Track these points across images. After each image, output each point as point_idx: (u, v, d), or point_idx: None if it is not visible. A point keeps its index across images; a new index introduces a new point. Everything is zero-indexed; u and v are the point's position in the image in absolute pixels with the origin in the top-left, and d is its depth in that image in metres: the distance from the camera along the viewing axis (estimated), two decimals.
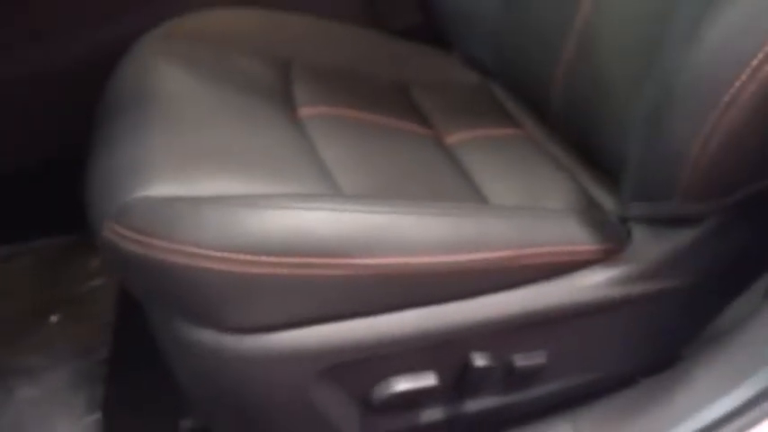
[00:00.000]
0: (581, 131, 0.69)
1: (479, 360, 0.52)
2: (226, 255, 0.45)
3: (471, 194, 0.63)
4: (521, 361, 0.54)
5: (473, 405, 0.56)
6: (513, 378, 0.55)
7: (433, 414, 0.55)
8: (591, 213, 0.59)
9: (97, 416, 0.75)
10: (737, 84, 0.44)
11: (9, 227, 0.92)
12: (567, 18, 0.69)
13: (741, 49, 0.44)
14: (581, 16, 0.68)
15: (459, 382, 0.53)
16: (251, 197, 0.48)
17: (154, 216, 0.47)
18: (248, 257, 0.45)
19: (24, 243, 0.96)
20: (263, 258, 0.45)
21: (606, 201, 0.64)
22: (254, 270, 0.45)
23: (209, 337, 0.48)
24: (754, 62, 0.43)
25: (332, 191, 0.54)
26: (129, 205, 0.48)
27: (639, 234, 0.55)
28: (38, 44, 0.80)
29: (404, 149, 0.67)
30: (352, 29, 0.88)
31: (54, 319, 0.89)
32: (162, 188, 0.49)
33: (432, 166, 0.66)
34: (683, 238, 0.54)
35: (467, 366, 0.52)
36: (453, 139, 0.74)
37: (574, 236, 0.54)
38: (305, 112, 0.68)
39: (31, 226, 0.94)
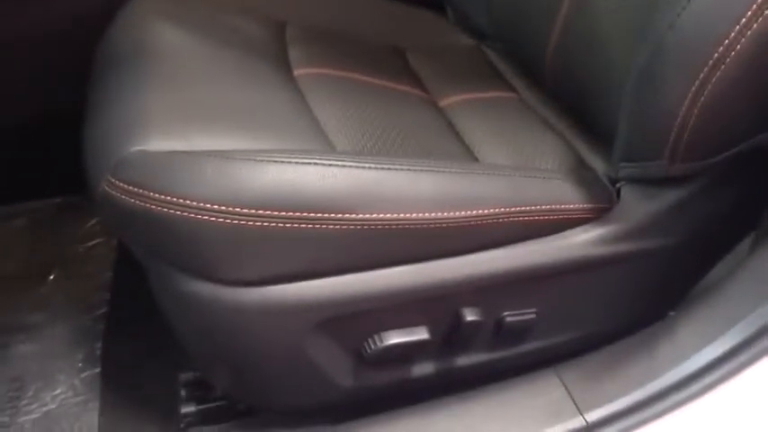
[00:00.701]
0: (575, 93, 0.69)
1: (470, 315, 0.53)
2: (222, 208, 0.45)
3: (464, 154, 0.63)
4: (510, 317, 0.55)
5: (464, 359, 0.57)
6: (503, 333, 0.56)
7: (424, 368, 0.56)
8: (581, 174, 0.60)
9: (96, 370, 0.76)
10: (726, 42, 0.45)
11: (8, 187, 0.93)
12: None
13: (730, 7, 0.45)
14: None
15: (450, 336, 0.55)
16: (247, 152, 0.48)
17: (151, 169, 0.47)
18: (244, 211, 0.45)
19: (23, 203, 0.96)
20: (259, 212, 0.46)
21: (597, 162, 0.64)
22: (250, 223, 0.46)
23: (206, 289, 0.49)
24: (743, 20, 0.44)
25: (326, 148, 0.55)
26: (126, 159, 0.49)
27: (628, 194, 0.56)
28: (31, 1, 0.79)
29: (398, 110, 0.68)
30: None
31: (52, 277, 0.90)
32: (159, 143, 0.50)
33: (425, 126, 0.66)
34: (670, 197, 0.55)
35: (458, 321, 0.53)
36: (447, 101, 0.75)
37: (563, 195, 0.55)
38: (301, 71, 0.68)
39: (30, 186, 0.94)
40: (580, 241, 0.54)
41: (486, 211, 0.51)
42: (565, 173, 0.60)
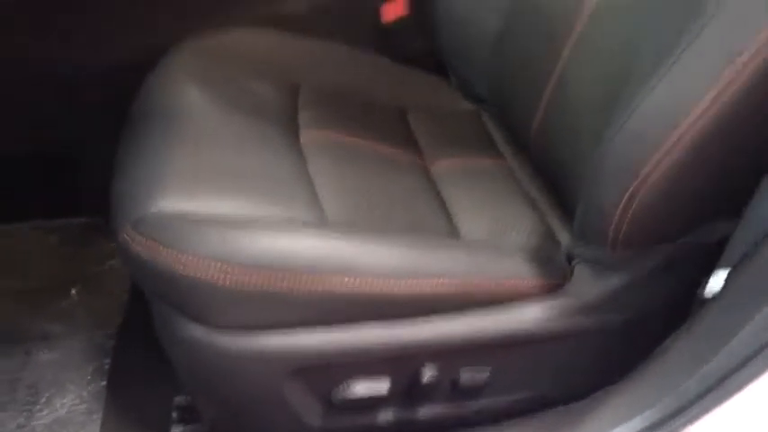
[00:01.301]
0: (553, 168, 0.76)
1: (429, 372, 0.60)
2: (220, 266, 0.54)
3: (444, 224, 0.70)
4: (466, 375, 0.62)
5: (423, 411, 0.64)
6: (459, 389, 0.63)
7: (386, 416, 0.63)
8: (543, 249, 0.67)
9: (103, 383, 0.85)
10: (656, 157, 0.51)
11: (41, 205, 1.03)
12: (551, 60, 0.75)
13: (661, 127, 0.52)
14: (561, 62, 0.75)
15: (411, 389, 0.62)
16: (245, 221, 0.57)
17: (164, 229, 0.56)
18: (238, 270, 0.54)
19: (54, 220, 1.06)
20: (251, 272, 0.54)
21: (565, 238, 0.71)
22: (243, 279, 0.54)
23: (198, 332, 0.57)
24: (679, 131, 0.50)
25: (317, 214, 0.63)
26: (144, 218, 0.57)
27: (581, 272, 0.63)
28: (89, 45, 0.89)
29: (391, 177, 0.75)
30: (360, 54, 0.96)
31: (74, 292, 0.99)
32: (173, 203, 0.59)
33: (414, 194, 0.74)
34: (619, 279, 0.61)
35: (417, 376, 0.60)
36: (439, 165, 0.82)
37: (520, 270, 0.62)
38: (306, 135, 0.76)
39: (61, 206, 1.04)
40: (531, 314, 0.61)
41: (447, 282, 0.59)
42: (530, 247, 0.66)
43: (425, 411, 0.64)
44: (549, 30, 0.78)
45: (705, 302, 0.58)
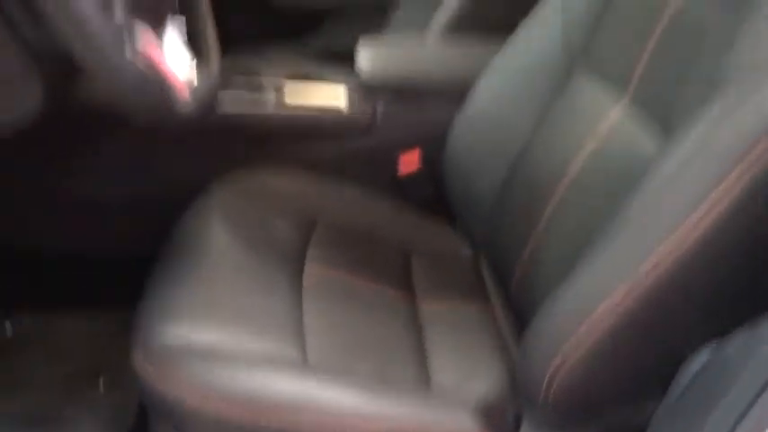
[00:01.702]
0: (525, 321, 0.84)
1: None
2: (202, 394, 0.65)
3: (416, 370, 0.79)
4: None
5: None
6: None
7: None
8: (501, 403, 0.74)
9: None
10: (573, 339, 0.59)
11: (83, 296, 1.16)
12: (534, 221, 0.85)
13: (577, 315, 0.60)
14: (542, 224, 0.84)
15: None
16: (228, 356, 0.68)
17: (166, 361, 0.68)
18: (216, 399, 0.64)
19: (92, 311, 1.19)
20: (228, 403, 0.64)
21: None
22: (219, 408, 0.64)
23: None
24: (586, 328, 0.58)
25: (298, 353, 0.73)
26: (152, 348, 0.70)
27: (524, 428, 0.69)
28: (137, 179, 1.05)
29: (379, 319, 0.85)
30: (376, 198, 1.09)
31: (102, 381, 1.11)
32: (177, 334, 0.71)
33: (396, 338, 0.83)
34: None
35: None
36: (429, 309, 0.91)
37: (471, 425, 0.69)
38: (310, 271, 0.88)
39: (101, 298, 1.17)
40: None
41: (402, 426, 0.67)
42: (488, 400, 0.74)
43: None
44: (535, 192, 0.88)
45: None
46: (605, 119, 0.79)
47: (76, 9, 0.51)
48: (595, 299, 0.59)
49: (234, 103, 1.05)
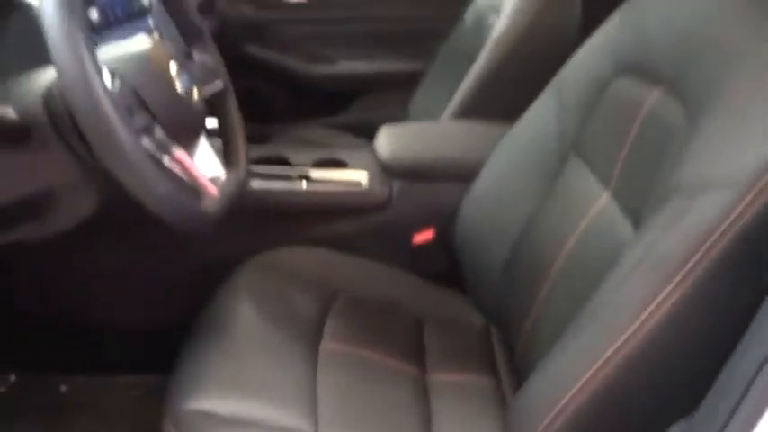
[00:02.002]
0: None
1: None
2: None
3: None
4: None
5: None
6: None
7: None
8: None
9: None
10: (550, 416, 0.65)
11: (131, 363, 1.28)
12: (534, 293, 0.92)
13: (555, 390, 0.65)
14: (542, 294, 0.91)
15: None
16: (247, 424, 0.77)
17: (192, 428, 0.76)
18: None
19: (140, 376, 1.30)
20: None
21: None
22: None
23: None
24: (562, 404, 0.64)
25: (311, 424, 0.81)
26: (179, 414, 0.78)
27: None
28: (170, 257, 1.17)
29: (389, 391, 0.92)
30: (393, 270, 1.17)
31: None
32: (201, 403, 0.80)
33: (405, 409, 0.89)
34: None
35: None
36: (437, 379, 0.98)
37: None
38: (326, 345, 0.96)
39: (147, 365, 1.28)
40: None
41: None
42: None
43: None
44: (535, 267, 0.95)
45: None
46: (595, 204, 0.87)
47: (112, 138, 0.62)
48: (569, 378, 0.65)
49: (263, 186, 1.17)
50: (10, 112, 0.66)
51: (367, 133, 1.36)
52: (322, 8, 1.91)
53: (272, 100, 1.99)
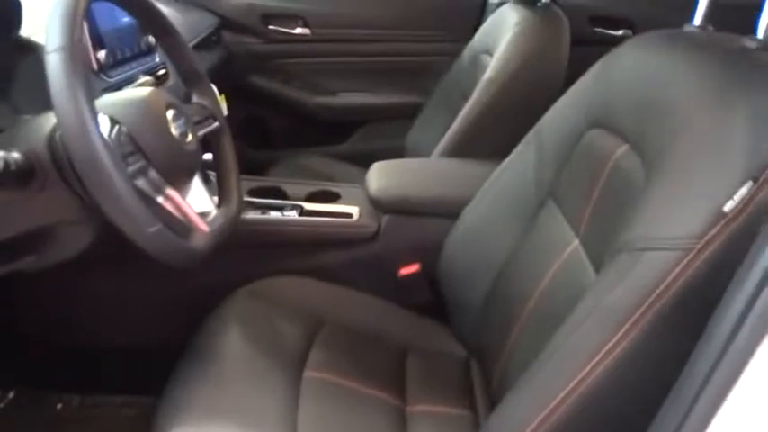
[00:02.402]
0: None
1: None
2: None
3: None
4: None
5: None
6: None
7: None
8: None
9: None
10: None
11: (126, 384, 1.32)
12: (509, 330, 0.96)
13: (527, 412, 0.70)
14: (516, 329, 0.95)
15: None
16: None
17: None
18: None
19: (134, 396, 1.34)
20: None
21: None
22: None
23: None
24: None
25: None
26: None
27: None
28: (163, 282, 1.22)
29: (367, 419, 0.96)
30: (378, 301, 1.22)
31: None
32: (189, 428, 0.84)
33: None
34: None
35: None
36: (415, 409, 1.02)
37: None
38: (309, 374, 1.01)
39: (140, 386, 1.33)
40: None
41: None
42: None
43: None
44: (512, 304, 0.99)
45: None
46: (567, 248, 0.91)
47: (105, 184, 0.67)
48: (527, 414, 0.69)
49: (257, 217, 1.22)
50: (16, 155, 0.71)
51: (365, 162, 1.41)
52: (324, 42, 1.98)
53: (274, 129, 2.06)
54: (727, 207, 0.59)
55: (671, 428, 0.52)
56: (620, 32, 1.92)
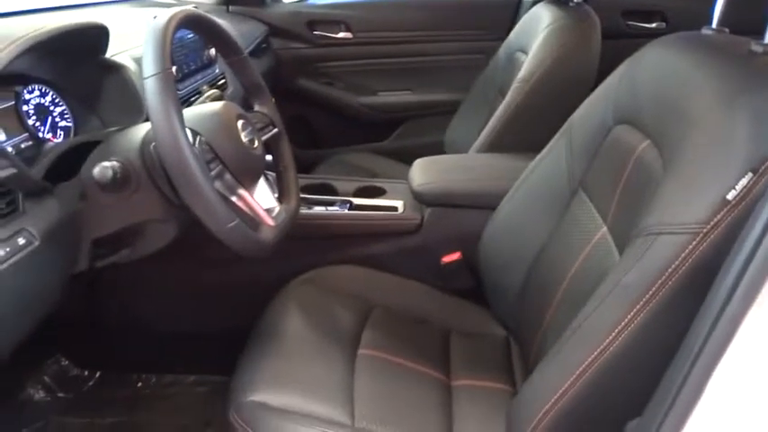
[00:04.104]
0: None
1: None
2: None
3: None
4: None
5: None
6: None
7: None
8: None
9: None
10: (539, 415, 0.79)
11: (200, 364, 1.46)
12: (544, 312, 1.05)
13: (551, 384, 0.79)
14: (548, 317, 1.05)
15: None
16: (293, 415, 0.94)
17: (250, 417, 0.93)
18: None
19: (206, 376, 1.48)
20: None
21: None
22: None
23: None
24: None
25: (347, 417, 0.97)
26: (242, 404, 0.96)
27: None
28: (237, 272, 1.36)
29: (416, 392, 1.07)
30: (424, 287, 1.33)
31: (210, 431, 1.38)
32: (261, 395, 0.96)
33: (429, 408, 1.04)
34: None
35: None
36: (459, 384, 1.12)
37: None
38: (362, 351, 1.12)
39: (213, 366, 1.47)
40: None
41: None
42: None
43: None
44: (546, 289, 1.08)
45: None
46: (595, 235, 1.00)
47: (194, 185, 0.80)
48: (554, 383, 0.79)
49: (312, 212, 1.34)
50: (116, 164, 0.85)
51: (406, 157, 1.52)
52: (365, 44, 2.10)
53: (320, 128, 2.19)
54: (730, 195, 0.67)
55: (674, 387, 0.61)
56: (654, 25, 1.98)
